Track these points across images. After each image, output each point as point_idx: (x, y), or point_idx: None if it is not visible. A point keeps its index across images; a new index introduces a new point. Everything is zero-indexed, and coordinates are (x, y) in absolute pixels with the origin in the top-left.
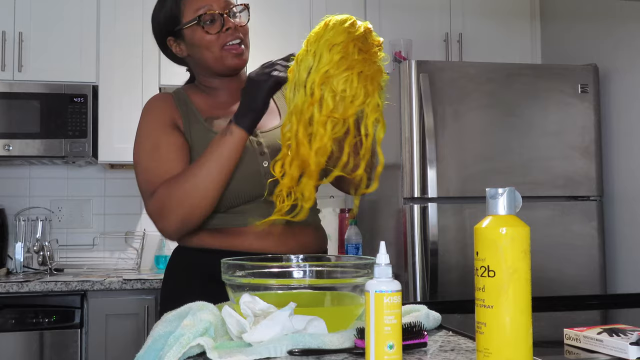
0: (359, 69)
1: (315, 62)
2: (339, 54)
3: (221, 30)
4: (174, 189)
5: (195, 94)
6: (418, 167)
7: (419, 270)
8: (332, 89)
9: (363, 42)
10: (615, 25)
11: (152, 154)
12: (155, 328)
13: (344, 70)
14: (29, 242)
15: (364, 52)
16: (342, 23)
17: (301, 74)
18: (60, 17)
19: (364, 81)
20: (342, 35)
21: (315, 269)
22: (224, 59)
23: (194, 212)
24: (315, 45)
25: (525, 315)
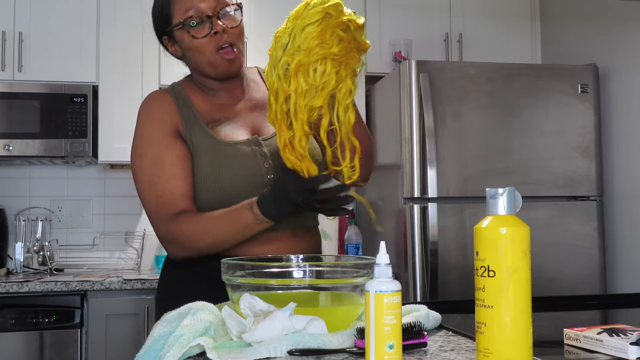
0: (333, 55)
1: (290, 40)
2: (316, 40)
3: (209, 33)
4: (199, 231)
5: (195, 92)
6: (418, 167)
7: (419, 270)
8: (304, 73)
9: (344, 29)
10: (615, 25)
11: (157, 168)
12: (155, 328)
13: (317, 57)
14: (29, 242)
15: (344, 41)
16: (323, 3)
17: (277, 52)
18: (60, 17)
19: (337, 66)
20: (318, 15)
21: (315, 269)
22: (216, 63)
23: (202, 253)
24: (292, 23)
25: (525, 315)
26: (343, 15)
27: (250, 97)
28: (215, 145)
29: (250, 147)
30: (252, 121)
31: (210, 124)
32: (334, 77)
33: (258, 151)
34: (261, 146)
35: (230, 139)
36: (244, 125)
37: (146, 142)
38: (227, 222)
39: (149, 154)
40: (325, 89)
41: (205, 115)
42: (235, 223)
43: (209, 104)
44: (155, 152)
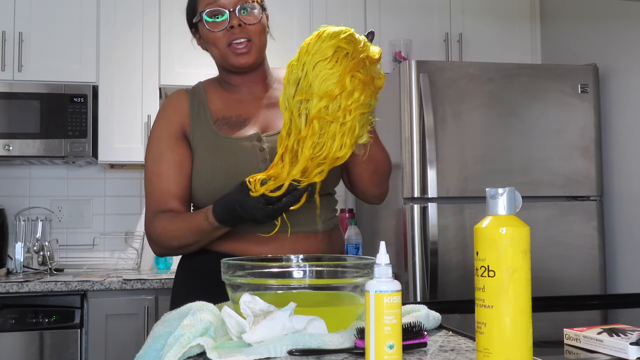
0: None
1: (302, 76)
2: (337, 89)
3: (225, 27)
4: (168, 232)
5: (214, 90)
6: (418, 167)
7: (419, 270)
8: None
9: (362, 68)
10: (615, 25)
11: (155, 166)
12: (155, 328)
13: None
14: (29, 242)
15: (364, 84)
16: (334, 36)
17: (290, 87)
18: (60, 17)
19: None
20: (330, 50)
21: (315, 269)
22: (227, 56)
23: (176, 253)
24: (304, 58)
25: (525, 315)
26: (357, 50)
27: (271, 95)
28: (216, 141)
29: (251, 143)
30: (265, 119)
31: (219, 121)
32: (353, 125)
33: (257, 146)
34: (262, 142)
35: (233, 135)
36: (255, 122)
37: (153, 140)
38: (188, 227)
39: (152, 152)
40: (345, 139)
41: (216, 112)
42: (194, 228)
43: (225, 102)
44: (157, 151)
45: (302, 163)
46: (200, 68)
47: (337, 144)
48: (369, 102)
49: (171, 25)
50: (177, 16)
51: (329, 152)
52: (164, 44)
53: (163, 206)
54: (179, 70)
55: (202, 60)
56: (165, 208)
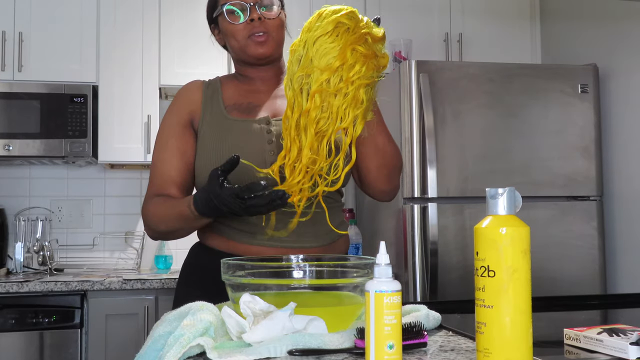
0: (356, 77)
1: (303, 53)
2: (337, 61)
3: (245, 20)
4: (156, 215)
5: (229, 82)
6: (418, 167)
7: (419, 270)
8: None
9: (364, 43)
10: (615, 25)
11: (160, 152)
12: (155, 328)
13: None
14: (29, 242)
15: (365, 57)
16: (335, 12)
17: (293, 65)
18: (60, 17)
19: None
20: (330, 25)
21: (315, 269)
22: (247, 47)
23: (165, 237)
24: (305, 35)
25: (525, 315)
26: (359, 26)
27: (283, 87)
28: (224, 122)
29: (259, 125)
30: (277, 107)
31: (230, 107)
32: (355, 98)
33: (265, 129)
34: (270, 124)
35: (242, 117)
36: (266, 108)
37: (162, 126)
38: (173, 212)
39: (161, 139)
40: (348, 111)
41: (229, 99)
42: (179, 215)
43: (238, 91)
44: (164, 137)
45: (308, 142)
46: (200, 68)
47: (340, 116)
48: (372, 75)
49: (171, 25)
50: (177, 16)
51: (333, 125)
52: (164, 44)
53: (161, 190)
54: (179, 70)
55: (202, 60)
56: (163, 192)
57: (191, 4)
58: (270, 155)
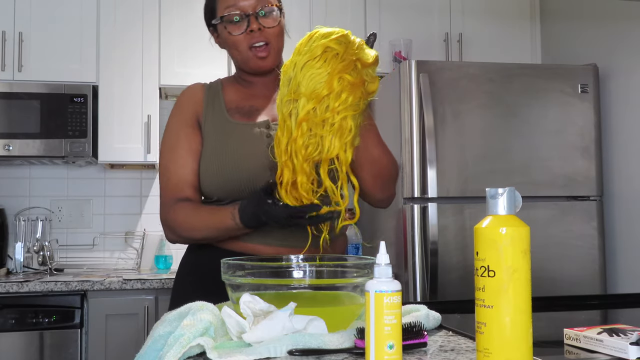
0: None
1: (293, 75)
2: (324, 90)
3: (245, 31)
4: (190, 223)
5: (231, 85)
6: (418, 167)
7: (419, 270)
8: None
9: (351, 71)
10: (615, 25)
11: (171, 154)
12: (155, 328)
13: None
14: (29, 242)
15: (352, 86)
16: (325, 36)
17: (283, 87)
18: (60, 17)
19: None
20: (319, 49)
21: (315, 269)
22: (248, 60)
23: (194, 242)
24: (295, 58)
25: (525, 315)
26: (348, 52)
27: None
28: (226, 125)
29: (260, 129)
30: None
31: (232, 110)
32: (341, 127)
33: (265, 133)
34: (270, 129)
35: (244, 120)
36: (268, 113)
37: (169, 129)
38: (212, 221)
39: (169, 141)
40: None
41: (231, 102)
42: (219, 225)
43: (240, 94)
44: (173, 139)
45: (298, 166)
46: (200, 68)
47: (326, 145)
48: (357, 104)
49: (171, 25)
50: (177, 16)
51: (323, 153)
52: (164, 44)
53: (180, 194)
54: (179, 70)
55: (202, 61)
56: (182, 196)
57: (191, 4)
58: (269, 159)
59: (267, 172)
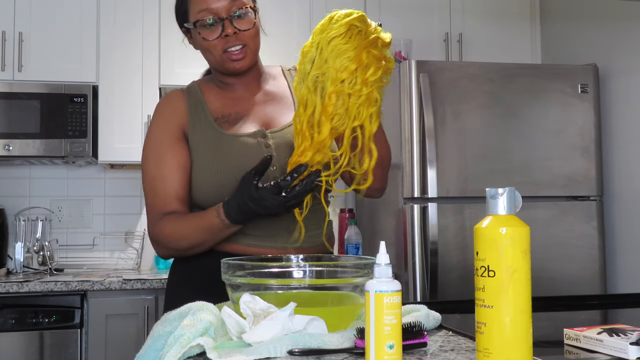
0: (371, 79)
1: (317, 53)
2: (353, 64)
3: (220, 36)
4: (176, 232)
5: (210, 89)
6: (418, 167)
7: (419, 270)
8: (341, 94)
9: (375, 47)
10: (615, 25)
11: (157, 169)
12: (155, 328)
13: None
14: (29, 242)
15: (378, 60)
16: (347, 15)
17: (305, 65)
18: (60, 17)
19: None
20: (343, 27)
21: (315, 269)
22: (224, 62)
23: (184, 254)
24: (318, 37)
25: (525, 315)
26: (369, 30)
27: (267, 91)
28: (220, 138)
29: (256, 140)
30: (265, 114)
31: (220, 119)
32: (369, 97)
33: (263, 143)
34: (267, 138)
35: (237, 132)
36: (255, 118)
37: (152, 143)
38: (198, 226)
39: (153, 155)
40: (361, 109)
41: (216, 111)
42: (205, 228)
43: (222, 100)
44: (158, 154)
45: (324, 134)
46: (201, 68)
47: (353, 114)
48: (381, 78)
49: (171, 25)
50: None
51: (349, 122)
52: (164, 44)
53: (166, 208)
54: (179, 70)
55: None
56: (168, 210)
57: None
58: (273, 170)
59: (269, 181)
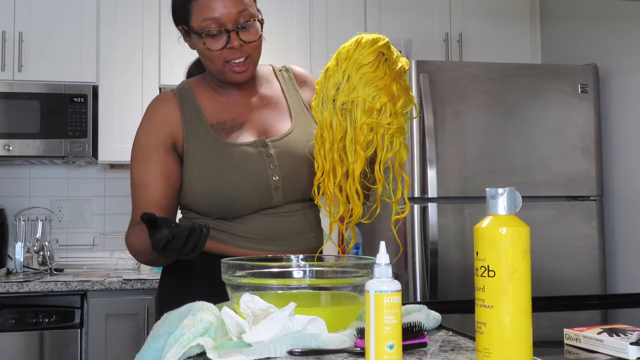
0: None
1: (343, 79)
2: (384, 96)
3: (225, 47)
4: (134, 247)
5: (203, 91)
6: (418, 167)
7: (419, 270)
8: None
9: (401, 77)
10: (615, 25)
11: (142, 178)
12: (156, 328)
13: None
14: (29, 242)
15: (405, 90)
16: (374, 42)
17: (329, 90)
18: (60, 17)
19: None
20: (372, 55)
21: (315, 269)
22: (225, 73)
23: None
24: (345, 64)
25: (525, 315)
26: (393, 57)
27: (262, 95)
28: (219, 147)
29: (257, 149)
30: (262, 121)
31: (216, 126)
32: (399, 127)
33: (264, 152)
34: (268, 147)
35: (236, 140)
36: (252, 125)
37: (140, 150)
38: (144, 244)
39: (139, 163)
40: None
41: (211, 117)
42: (148, 247)
43: (217, 105)
44: (144, 162)
45: (361, 164)
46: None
47: (386, 145)
48: (407, 107)
49: (171, 25)
50: None
51: (382, 152)
52: (164, 44)
53: None
54: (179, 70)
55: None
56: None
57: None
58: (275, 179)
59: (271, 191)
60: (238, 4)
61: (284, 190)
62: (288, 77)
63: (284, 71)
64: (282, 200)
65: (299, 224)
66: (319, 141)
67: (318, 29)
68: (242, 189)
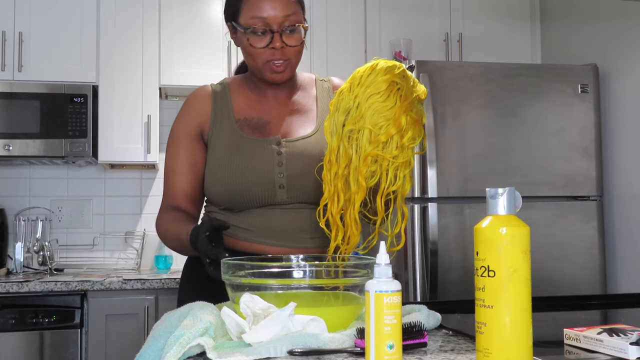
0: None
1: (354, 106)
2: (393, 129)
3: (267, 46)
4: (165, 233)
5: (240, 89)
6: (418, 167)
7: (419, 270)
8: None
9: (413, 108)
10: (615, 25)
11: (172, 162)
12: (156, 328)
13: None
14: (29, 242)
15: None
16: (389, 70)
17: (340, 115)
18: (60, 17)
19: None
20: (384, 84)
21: (315, 269)
22: (264, 71)
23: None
24: (357, 90)
25: (525, 315)
26: (409, 87)
27: (294, 101)
28: (236, 138)
29: (269, 146)
30: (287, 125)
31: (242, 121)
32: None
33: (276, 150)
34: (280, 146)
35: (253, 135)
36: (276, 126)
37: (173, 137)
38: (176, 236)
39: (171, 149)
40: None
41: (240, 112)
42: (181, 240)
43: (248, 102)
44: (175, 148)
45: (362, 194)
46: (200, 68)
47: (390, 177)
48: (416, 139)
49: (171, 25)
50: (177, 16)
51: (385, 184)
52: (164, 44)
53: (173, 202)
54: (179, 70)
55: (202, 60)
56: (174, 204)
57: (191, 4)
58: (280, 177)
59: (276, 188)
60: (286, 8)
61: (289, 190)
62: (327, 87)
63: (325, 81)
64: (288, 199)
65: (303, 223)
66: (327, 165)
67: (318, 29)
68: (246, 182)
